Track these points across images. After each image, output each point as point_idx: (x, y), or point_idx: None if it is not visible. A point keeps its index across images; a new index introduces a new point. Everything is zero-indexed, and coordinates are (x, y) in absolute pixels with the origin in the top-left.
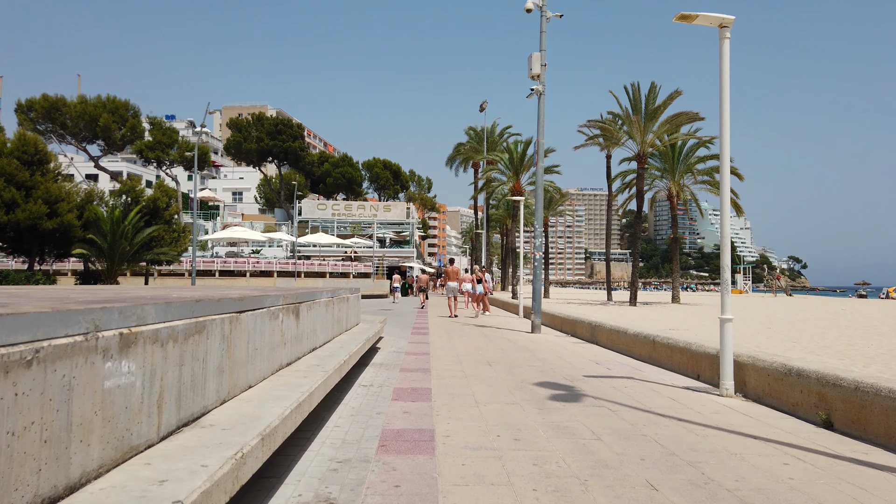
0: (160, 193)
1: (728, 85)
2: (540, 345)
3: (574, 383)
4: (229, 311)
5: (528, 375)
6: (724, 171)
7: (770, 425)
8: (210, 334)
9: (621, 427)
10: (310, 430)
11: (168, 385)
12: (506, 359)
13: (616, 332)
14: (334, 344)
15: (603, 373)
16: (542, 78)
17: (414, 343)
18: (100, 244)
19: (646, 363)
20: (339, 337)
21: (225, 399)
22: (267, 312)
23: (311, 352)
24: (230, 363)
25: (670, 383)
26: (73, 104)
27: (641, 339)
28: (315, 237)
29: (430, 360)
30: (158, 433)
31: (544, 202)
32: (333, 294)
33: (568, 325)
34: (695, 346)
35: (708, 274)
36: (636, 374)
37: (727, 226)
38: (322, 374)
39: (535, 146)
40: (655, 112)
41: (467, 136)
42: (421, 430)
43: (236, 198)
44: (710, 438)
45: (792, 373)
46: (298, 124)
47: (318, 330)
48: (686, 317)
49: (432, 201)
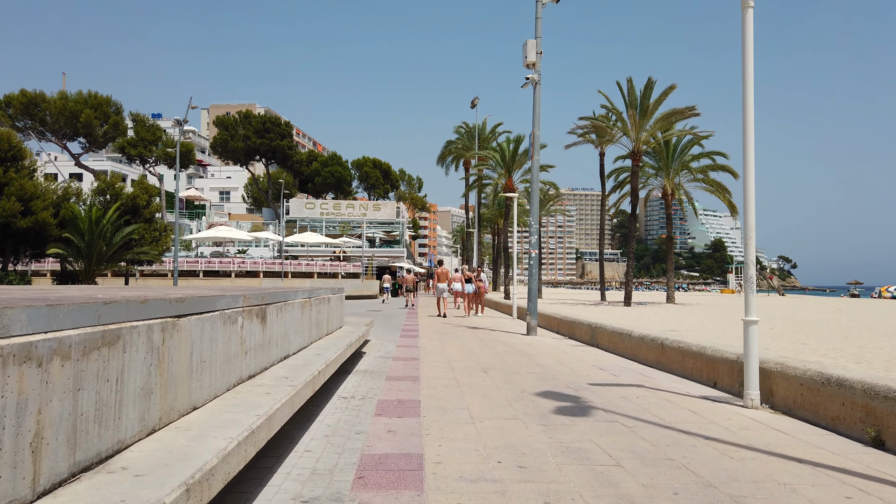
0: (140, 191)
1: (751, 62)
2: (537, 348)
3: (579, 393)
4: (162, 315)
5: (528, 384)
6: (748, 156)
7: (812, 444)
8: (129, 346)
9: (642, 449)
10: (274, 455)
11: (52, 420)
12: (502, 364)
13: (619, 335)
14: (310, 351)
15: (609, 380)
16: (537, 66)
17: (402, 347)
18: (77, 243)
19: (653, 368)
20: (318, 342)
21: (154, 428)
22: (220, 316)
23: (282, 360)
24: (162, 381)
25: (685, 392)
26: (54, 100)
27: (648, 342)
28: (303, 237)
29: (420, 366)
30: (34, 489)
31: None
32: (311, 294)
33: (565, 326)
34: (710, 350)
35: (699, 274)
36: (646, 381)
37: (751, 217)
38: (289, 390)
39: (531, 138)
40: (650, 108)
41: (458, 133)
42: (407, 456)
43: (223, 197)
44: (748, 463)
45: (831, 382)
46: (286, 122)
47: (291, 335)
48: (684, 317)
49: (423, 201)
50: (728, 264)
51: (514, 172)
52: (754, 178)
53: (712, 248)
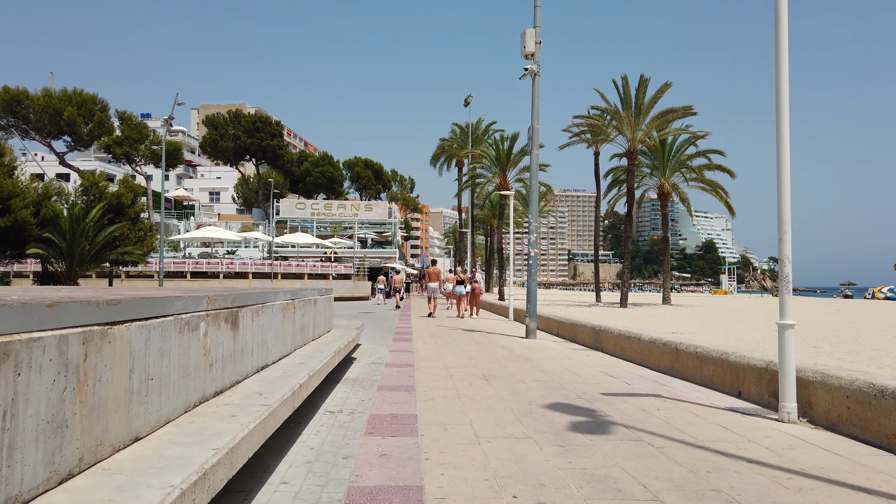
0: (124, 190)
1: (785, 42)
2: (539, 353)
3: (593, 405)
4: (83, 322)
5: (535, 394)
6: (782, 142)
7: (873, 469)
8: (25, 366)
9: (680, 476)
10: (243, 488)
11: None
12: (504, 371)
13: (626, 339)
14: (293, 359)
15: (623, 389)
16: (536, 57)
17: (396, 352)
18: (58, 244)
19: (667, 375)
20: (302, 349)
21: (72, 472)
22: (175, 323)
23: (258, 371)
24: (84, 410)
25: (709, 403)
26: (37, 97)
27: (660, 346)
28: (293, 237)
29: (415, 373)
30: None
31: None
32: (295, 296)
33: (566, 329)
34: (734, 356)
35: (690, 275)
36: (662, 390)
37: (787, 208)
38: (261, 410)
39: (530, 132)
40: (646, 106)
41: (451, 132)
42: (404, 489)
43: (214, 198)
44: (808, 494)
45: (885, 395)
46: (277, 122)
47: (270, 342)
48: (683, 319)
49: (415, 202)
50: (720, 265)
51: (509, 171)
52: (789, 167)
53: (703, 249)
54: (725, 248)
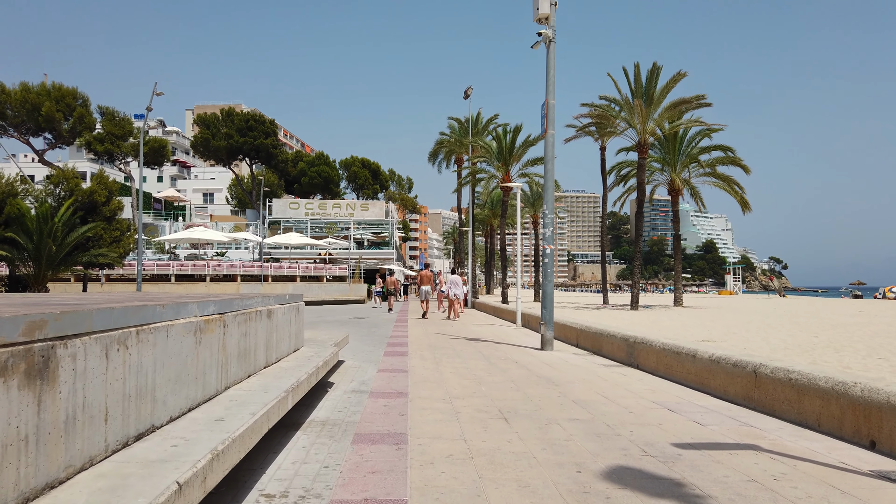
0: (98, 186)
1: None
2: (564, 372)
3: (674, 469)
4: None
5: (580, 447)
6: None
7: None
8: None
9: None
10: None
11: None
12: (527, 403)
13: (675, 355)
14: (209, 410)
15: (698, 435)
16: (551, 21)
17: (386, 372)
18: (24, 244)
19: (742, 408)
20: (238, 386)
21: None
22: None
23: (122, 449)
24: None
25: (837, 462)
26: (14, 92)
27: (727, 368)
28: (285, 237)
29: (409, 409)
30: None
31: (534, 198)
32: (226, 308)
33: (588, 339)
34: (859, 387)
35: (691, 275)
36: (753, 435)
37: None
38: None
39: (544, 108)
40: (658, 95)
41: (450, 128)
42: None
43: (207, 199)
44: None
45: None
46: (271, 121)
47: (161, 388)
48: (704, 322)
49: (413, 202)
50: (723, 265)
51: (512, 166)
52: None
53: (704, 249)
54: (726, 248)
